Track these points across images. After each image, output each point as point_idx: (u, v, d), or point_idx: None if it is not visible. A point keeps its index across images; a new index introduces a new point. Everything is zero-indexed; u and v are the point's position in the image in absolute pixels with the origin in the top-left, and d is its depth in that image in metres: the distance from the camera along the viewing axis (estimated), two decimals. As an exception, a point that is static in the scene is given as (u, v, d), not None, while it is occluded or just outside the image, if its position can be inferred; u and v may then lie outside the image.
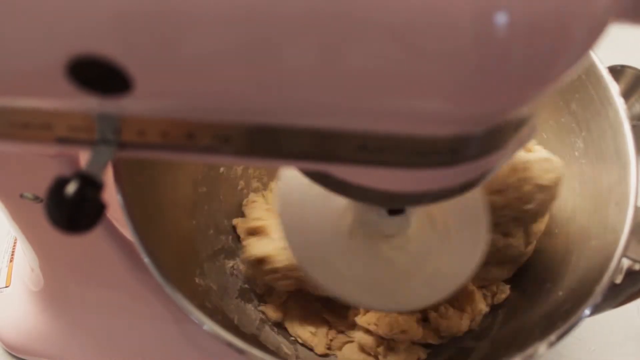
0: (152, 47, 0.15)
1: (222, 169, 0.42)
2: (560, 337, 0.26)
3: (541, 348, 0.26)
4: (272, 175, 0.45)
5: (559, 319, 0.27)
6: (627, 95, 0.51)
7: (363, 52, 0.15)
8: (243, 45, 0.15)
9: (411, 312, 0.37)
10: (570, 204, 0.35)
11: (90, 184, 0.17)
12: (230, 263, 0.41)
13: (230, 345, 0.26)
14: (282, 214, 0.29)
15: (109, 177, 0.26)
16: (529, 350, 0.26)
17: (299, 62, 0.15)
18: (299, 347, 0.39)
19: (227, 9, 0.14)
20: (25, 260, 0.40)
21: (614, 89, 0.32)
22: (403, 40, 0.14)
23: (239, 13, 0.14)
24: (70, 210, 0.17)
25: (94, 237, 0.33)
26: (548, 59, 0.15)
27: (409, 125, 0.17)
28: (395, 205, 0.23)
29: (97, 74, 0.16)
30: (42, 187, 0.23)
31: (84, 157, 0.29)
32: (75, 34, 0.15)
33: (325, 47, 0.15)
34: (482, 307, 0.37)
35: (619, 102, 0.31)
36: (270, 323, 0.39)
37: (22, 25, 0.15)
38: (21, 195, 0.30)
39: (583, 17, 0.15)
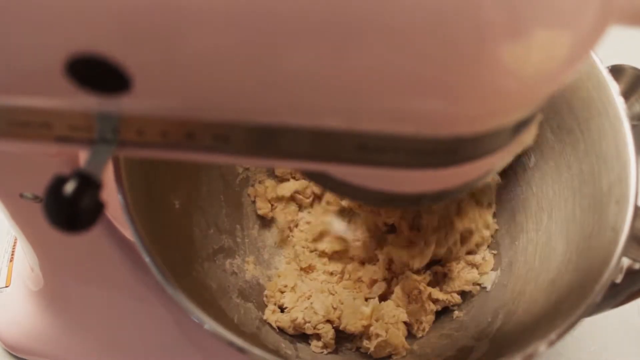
0: (151, 46, 0.15)
1: (222, 169, 0.42)
2: (560, 337, 0.26)
3: (541, 347, 0.26)
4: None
5: (558, 319, 0.27)
6: (627, 95, 0.51)
7: (363, 53, 0.15)
8: (242, 44, 0.15)
9: None
10: (570, 203, 0.35)
11: (89, 183, 0.17)
12: (230, 262, 0.41)
13: (230, 344, 0.26)
14: None
15: (109, 177, 0.26)
16: (529, 350, 0.26)
17: (299, 62, 0.15)
18: (299, 346, 0.39)
19: (227, 8, 0.14)
20: (25, 260, 0.40)
21: (614, 89, 0.32)
22: (403, 40, 0.14)
23: (238, 12, 0.14)
24: (69, 209, 0.17)
25: (94, 237, 0.33)
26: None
27: (409, 125, 0.17)
28: (394, 206, 0.23)
29: (96, 73, 0.16)
30: (42, 187, 0.23)
31: (83, 157, 0.29)
32: (74, 33, 0.15)
33: (325, 47, 0.15)
34: None
35: (619, 102, 0.31)
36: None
37: (21, 24, 0.15)
38: (21, 195, 0.30)
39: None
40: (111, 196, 0.24)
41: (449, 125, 0.17)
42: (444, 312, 0.41)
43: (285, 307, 0.40)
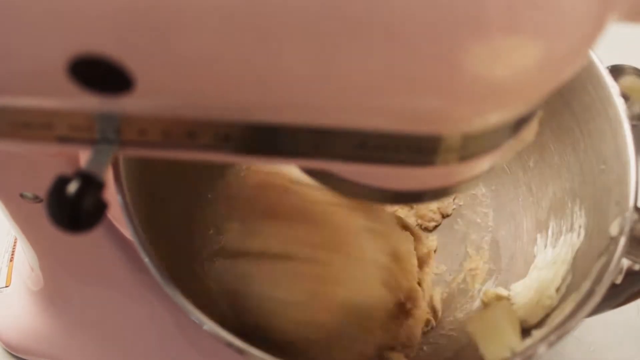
0: (153, 46, 0.15)
1: (222, 169, 0.42)
2: (560, 337, 0.26)
3: (541, 348, 0.26)
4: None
5: (558, 320, 0.27)
6: (627, 95, 0.51)
7: (359, 51, 0.15)
8: (241, 44, 0.15)
9: None
10: (570, 204, 0.35)
11: (91, 183, 0.17)
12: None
13: (230, 345, 0.26)
14: None
15: (108, 177, 0.26)
16: (529, 350, 0.26)
17: (297, 60, 0.15)
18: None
19: (226, 7, 0.14)
20: (25, 260, 0.40)
21: (614, 89, 0.32)
22: (399, 39, 0.14)
23: (237, 11, 0.14)
24: (72, 209, 0.17)
25: (94, 237, 0.33)
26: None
27: (408, 123, 0.17)
28: (395, 203, 0.23)
29: (98, 73, 0.16)
30: (42, 186, 0.23)
31: (84, 157, 0.29)
32: (76, 33, 0.15)
33: (323, 46, 0.15)
34: None
35: (619, 102, 0.31)
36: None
37: (23, 25, 0.15)
38: (21, 195, 0.30)
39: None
40: (111, 196, 0.24)
41: (448, 123, 0.17)
42: (444, 312, 0.41)
43: None
